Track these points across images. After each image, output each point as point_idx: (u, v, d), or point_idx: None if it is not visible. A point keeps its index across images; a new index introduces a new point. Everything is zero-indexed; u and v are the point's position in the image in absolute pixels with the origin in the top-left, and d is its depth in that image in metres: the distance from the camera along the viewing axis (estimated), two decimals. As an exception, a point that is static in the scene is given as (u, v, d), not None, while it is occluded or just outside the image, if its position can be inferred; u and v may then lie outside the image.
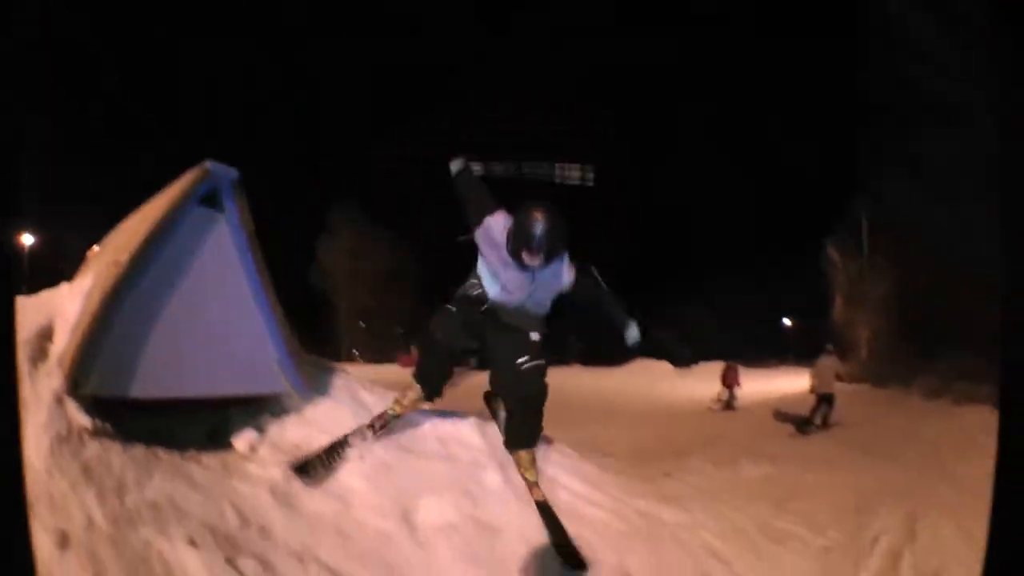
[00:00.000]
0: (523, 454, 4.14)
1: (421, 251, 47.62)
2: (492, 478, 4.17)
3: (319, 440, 4.01)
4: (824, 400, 13.68)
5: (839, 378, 13.96)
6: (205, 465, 3.54)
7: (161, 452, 3.44)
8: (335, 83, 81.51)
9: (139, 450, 3.33)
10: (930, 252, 20.14)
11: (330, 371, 4.87)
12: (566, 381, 31.72)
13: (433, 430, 4.58)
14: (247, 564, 2.80)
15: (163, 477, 3.22)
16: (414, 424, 4.55)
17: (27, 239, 27.89)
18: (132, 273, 3.65)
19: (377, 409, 4.41)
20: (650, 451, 9.68)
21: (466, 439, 4.60)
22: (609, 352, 47.88)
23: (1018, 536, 1.07)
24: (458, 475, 4.12)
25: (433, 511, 3.71)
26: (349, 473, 3.86)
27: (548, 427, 4.41)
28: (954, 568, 4.09)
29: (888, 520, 5.02)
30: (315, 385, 4.49)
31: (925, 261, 20.87)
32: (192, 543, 2.72)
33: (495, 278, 4.00)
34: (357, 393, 4.69)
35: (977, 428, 10.16)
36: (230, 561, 2.76)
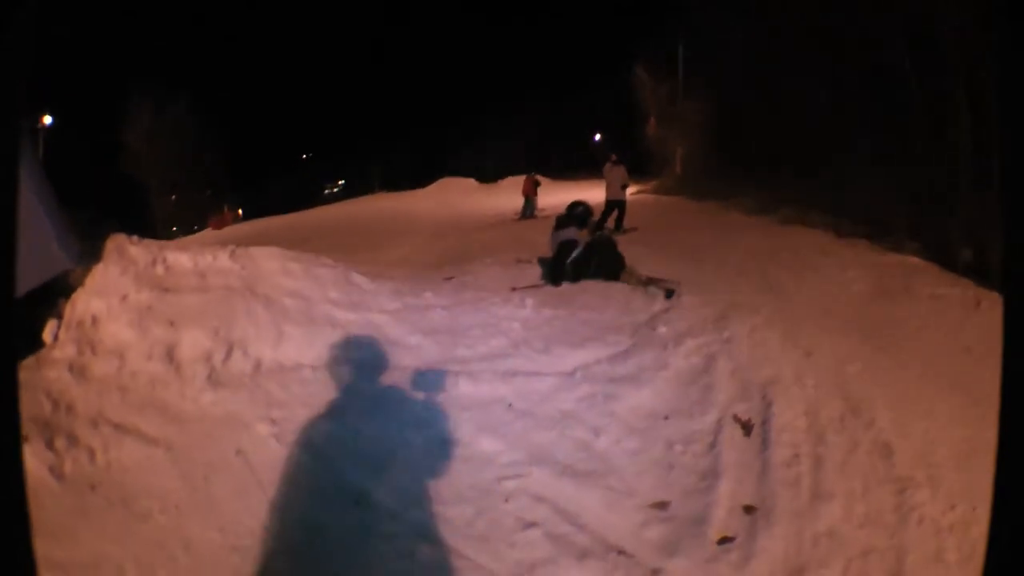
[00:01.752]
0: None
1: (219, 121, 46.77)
2: (241, 301, 4.76)
3: (99, 307, 4.35)
4: (614, 206, 13.83)
5: (624, 187, 13.92)
6: (25, 366, 3.82)
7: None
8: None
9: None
10: (746, 81, 20.25)
11: (99, 237, 5.05)
12: (369, 207, 31.58)
13: (194, 265, 5.08)
14: (60, 442, 3.28)
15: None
16: (176, 264, 5.05)
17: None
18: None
19: (143, 260, 4.91)
20: (446, 259, 10.23)
21: (221, 267, 5.16)
22: (412, 175, 48.69)
23: (1018, 535, 0.98)
24: (212, 304, 4.67)
25: (191, 345, 4.25)
26: (120, 327, 4.25)
27: (359, 251, 5.24)
28: (784, 374, 4.59)
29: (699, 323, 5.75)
30: (88, 251, 4.71)
31: (740, 89, 20.82)
32: (24, 439, 3.19)
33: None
34: (125, 250, 4.95)
35: (796, 241, 10.57)
36: (48, 444, 3.26)
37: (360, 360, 4.50)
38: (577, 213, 8.38)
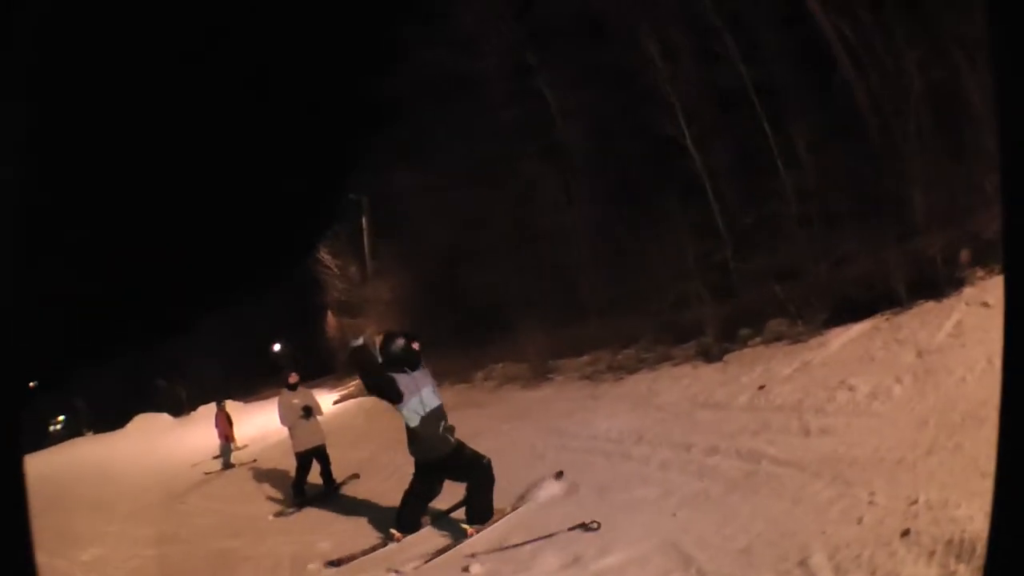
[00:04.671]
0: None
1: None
2: None
3: None
4: (312, 457, 9.27)
5: (311, 412, 9.37)
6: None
7: None
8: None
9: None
10: (439, 242, 18.56)
11: None
12: (63, 460, 23.52)
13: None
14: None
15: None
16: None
17: None
18: None
19: None
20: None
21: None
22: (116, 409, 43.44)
23: (1018, 535, 1.05)
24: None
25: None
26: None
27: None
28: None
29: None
30: None
31: (435, 252, 18.99)
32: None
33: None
34: None
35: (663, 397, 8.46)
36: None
37: None
38: (398, 348, 5.79)
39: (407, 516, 5.75)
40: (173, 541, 8.24)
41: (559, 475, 6.07)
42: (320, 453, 9.28)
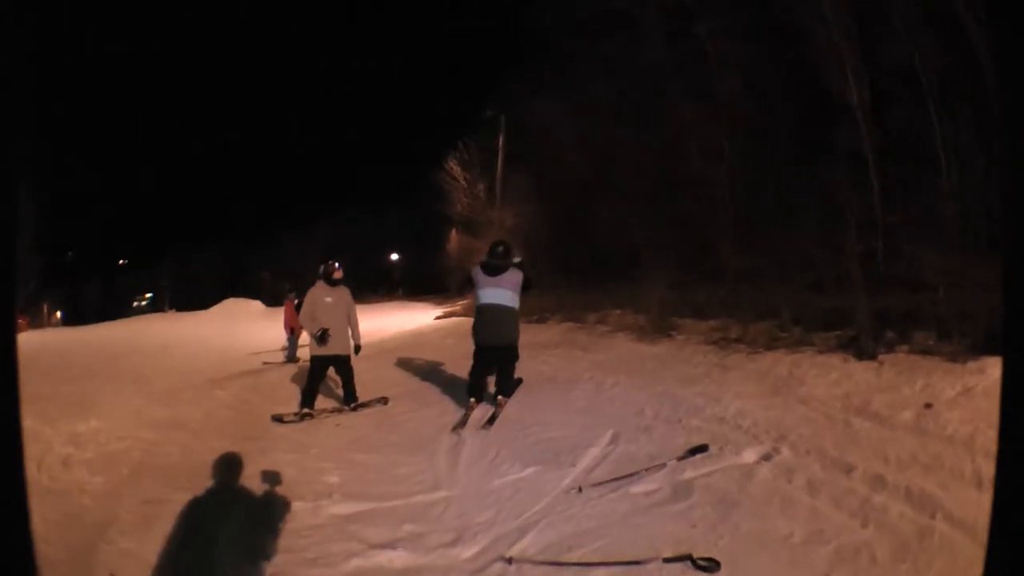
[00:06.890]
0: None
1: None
2: None
3: None
4: (330, 364, 8.81)
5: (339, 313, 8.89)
6: None
7: None
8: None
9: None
10: (573, 176, 18.31)
11: None
12: (138, 330, 28.25)
13: None
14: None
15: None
16: None
17: None
18: None
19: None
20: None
21: None
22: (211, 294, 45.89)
23: (1018, 536, 1.04)
24: None
25: None
26: None
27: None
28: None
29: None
30: None
31: (568, 185, 18.59)
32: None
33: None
34: None
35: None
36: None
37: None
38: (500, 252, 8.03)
39: (472, 385, 7.92)
40: (182, 428, 7.92)
41: (700, 449, 5.48)
42: (340, 363, 8.78)
